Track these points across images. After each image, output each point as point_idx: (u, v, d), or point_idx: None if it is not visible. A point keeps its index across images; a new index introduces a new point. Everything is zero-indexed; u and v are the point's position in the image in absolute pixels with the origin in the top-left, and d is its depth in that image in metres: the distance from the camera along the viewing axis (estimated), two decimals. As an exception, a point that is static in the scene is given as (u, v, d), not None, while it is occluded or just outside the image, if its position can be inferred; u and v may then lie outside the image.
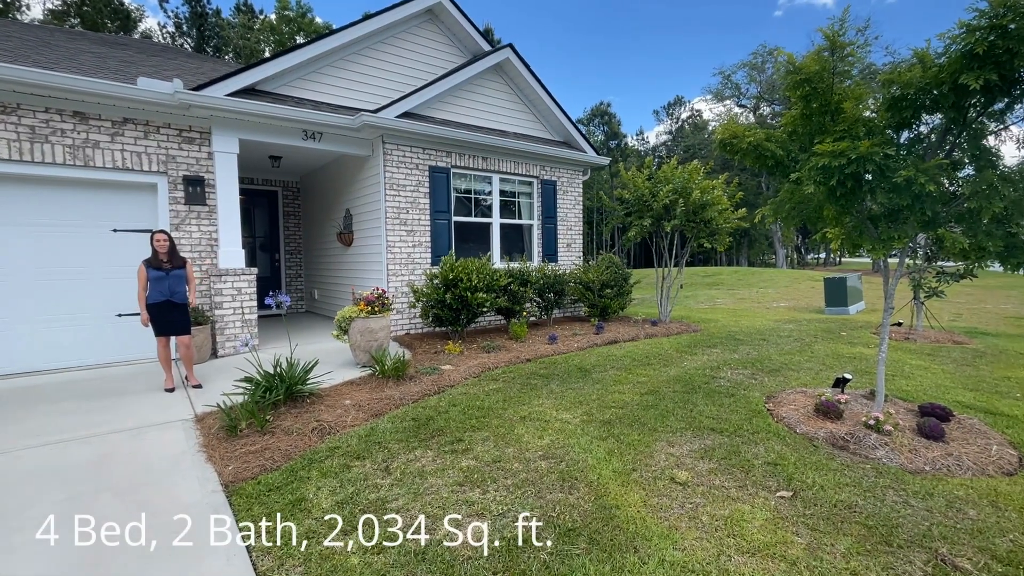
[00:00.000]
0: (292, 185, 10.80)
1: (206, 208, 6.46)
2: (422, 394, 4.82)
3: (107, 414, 4.28)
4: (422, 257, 7.76)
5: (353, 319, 5.60)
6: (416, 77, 8.09)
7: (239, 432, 3.81)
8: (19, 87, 5.26)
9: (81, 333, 5.88)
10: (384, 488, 3.07)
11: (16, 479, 3.14)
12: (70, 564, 2.34)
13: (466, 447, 3.65)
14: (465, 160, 8.20)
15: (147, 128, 6.08)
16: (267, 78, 6.73)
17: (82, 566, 2.33)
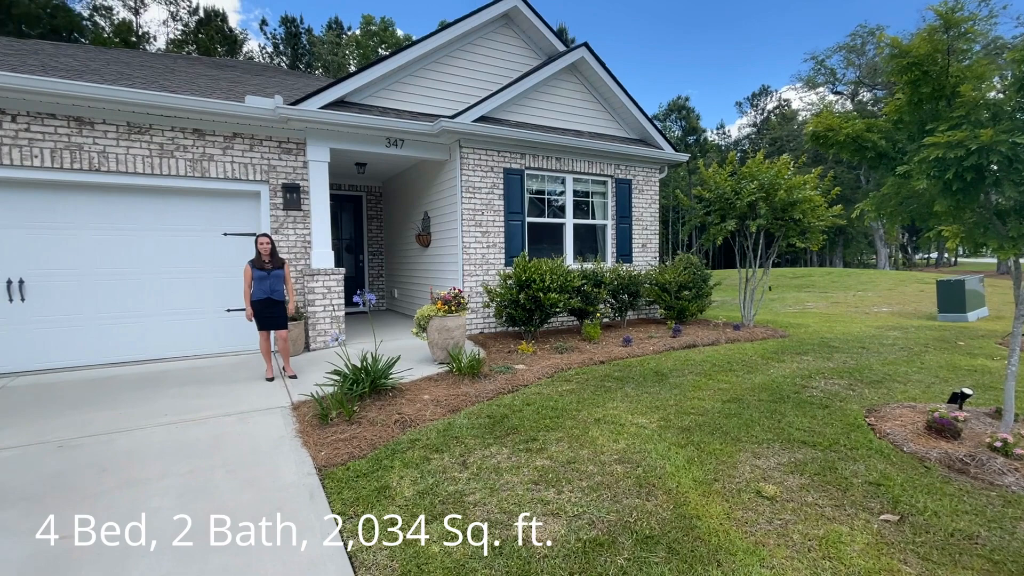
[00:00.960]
0: (375, 190, 11.43)
1: (301, 213, 7.02)
2: (496, 392, 4.92)
3: (220, 398, 4.78)
4: (496, 258, 7.91)
5: (431, 317, 5.83)
6: (491, 81, 8.26)
7: (330, 421, 4.10)
8: (151, 110, 6.02)
9: (197, 326, 6.62)
10: (462, 482, 3.17)
11: (150, 453, 3.59)
12: (191, 529, 2.65)
13: (540, 446, 3.68)
14: (539, 161, 8.26)
15: (252, 141, 6.71)
16: (354, 90, 7.18)
17: (204, 532, 2.63)
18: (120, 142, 5.98)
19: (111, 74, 7.00)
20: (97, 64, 7.76)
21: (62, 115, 5.70)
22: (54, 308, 5.89)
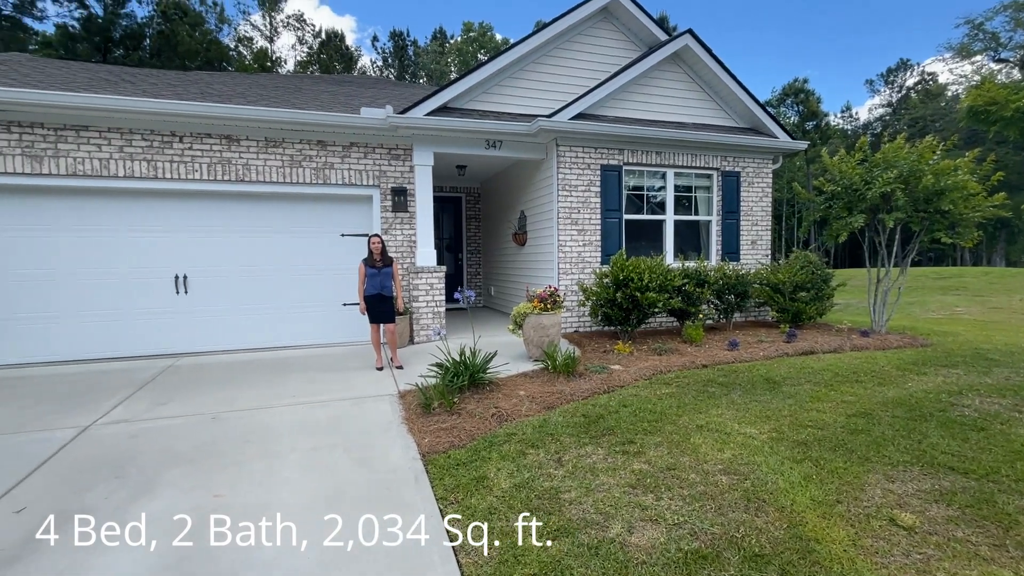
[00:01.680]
0: (474, 191, 11.84)
1: (408, 214, 7.49)
2: (591, 392, 4.87)
3: (336, 384, 5.27)
4: (592, 256, 7.81)
5: (527, 315, 5.91)
6: (589, 77, 8.16)
7: (432, 410, 4.34)
8: (284, 126, 6.78)
9: (317, 318, 7.34)
10: (557, 479, 3.19)
11: (281, 429, 4.06)
12: (315, 496, 2.96)
13: (638, 450, 3.58)
14: (638, 156, 8.01)
15: (366, 149, 7.29)
16: (455, 96, 7.49)
17: (323, 499, 2.92)
18: (259, 155, 6.82)
19: (253, 96, 8.00)
20: (242, 88, 8.90)
21: (216, 134, 6.63)
22: (207, 300, 6.88)
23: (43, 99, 5.75)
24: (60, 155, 6.06)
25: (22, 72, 7.21)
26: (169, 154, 6.45)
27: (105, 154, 6.22)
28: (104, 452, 3.64)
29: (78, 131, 6.12)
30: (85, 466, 3.41)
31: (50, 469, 3.38)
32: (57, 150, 6.05)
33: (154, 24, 34.77)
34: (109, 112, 6.05)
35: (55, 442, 3.79)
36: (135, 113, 6.13)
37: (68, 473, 3.31)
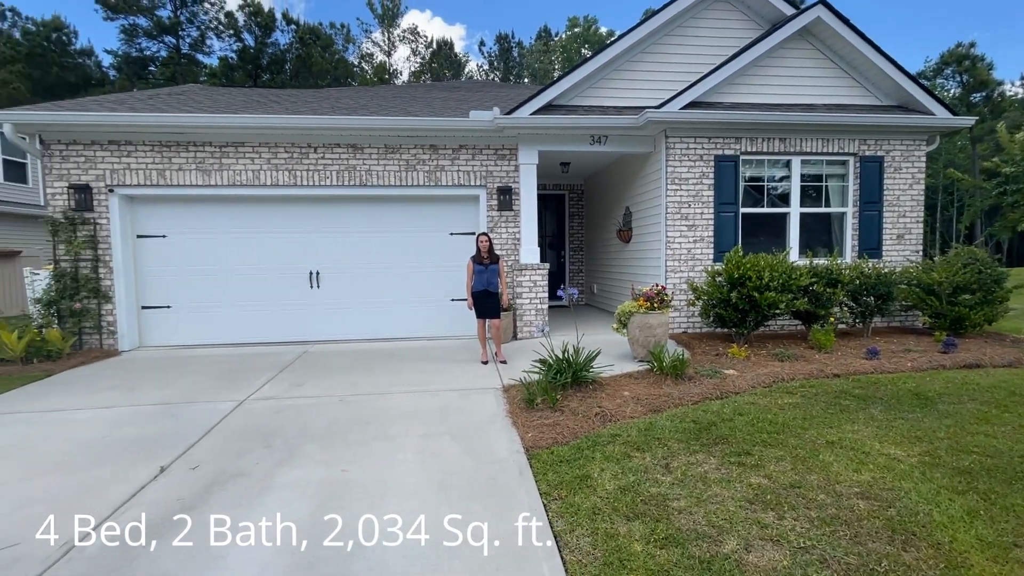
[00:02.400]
0: (577, 188, 11.76)
1: (512, 213, 7.65)
2: (702, 396, 4.59)
3: (445, 375, 5.56)
4: (703, 253, 7.36)
5: (632, 314, 5.74)
6: (702, 62, 7.66)
7: (535, 406, 4.39)
8: (401, 132, 7.29)
9: (427, 312, 7.80)
10: (664, 485, 3.06)
11: (396, 414, 4.38)
12: (427, 480, 3.14)
13: (756, 463, 3.30)
14: (757, 144, 7.37)
15: (474, 151, 7.57)
16: (560, 94, 7.48)
17: (435, 483, 3.09)
18: (379, 161, 7.40)
19: (374, 107, 8.70)
20: (364, 100, 9.72)
21: (344, 144, 7.33)
22: (335, 294, 7.64)
23: (211, 122, 6.78)
24: (223, 168, 7.11)
25: (195, 100, 8.56)
26: (306, 163, 7.26)
27: (256, 166, 7.17)
28: (255, 423, 4.20)
29: (236, 147, 7.13)
30: (241, 434, 3.97)
31: (216, 434, 3.98)
32: (221, 164, 7.11)
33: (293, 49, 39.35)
34: (260, 129, 6.96)
35: (218, 413, 4.46)
36: (279, 129, 6.99)
37: (228, 439, 3.88)
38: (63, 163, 6.92)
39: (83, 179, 6.92)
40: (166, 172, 7.03)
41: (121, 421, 4.31)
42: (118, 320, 7.03)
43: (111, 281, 7.00)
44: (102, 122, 6.69)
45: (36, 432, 4.09)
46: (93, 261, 6.94)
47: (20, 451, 3.72)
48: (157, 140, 7.01)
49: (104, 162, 6.96)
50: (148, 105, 7.51)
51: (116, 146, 6.97)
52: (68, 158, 6.92)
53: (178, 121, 6.75)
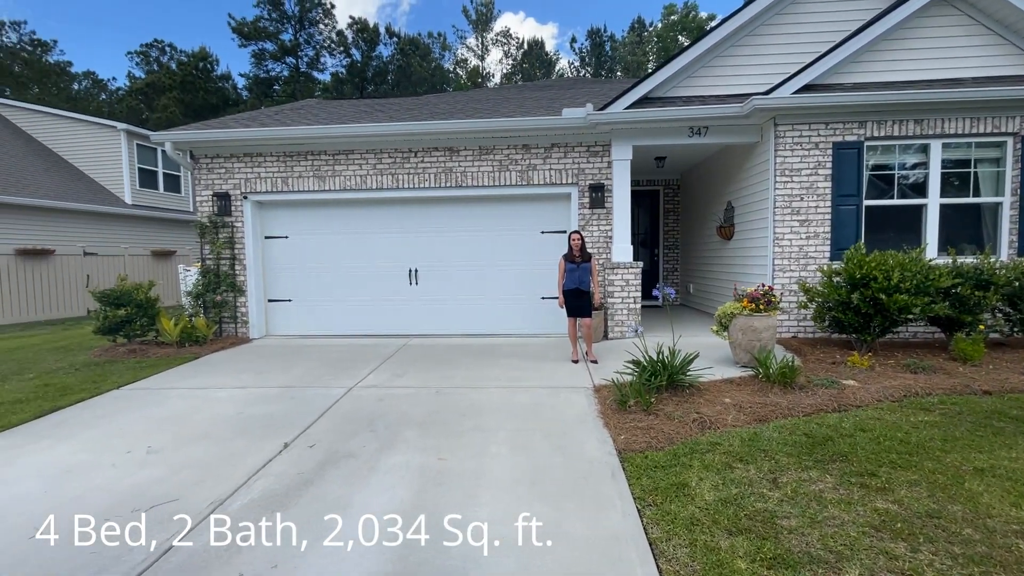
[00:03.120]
0: (672, 183, 11.26)
1: (604, 210, 7.52)
2: (816, 408, 4.19)
3: (535, 372, 5.61)
4: (817, 251, 6.69)
5: (734, 316, 5.38)
6: (819, 41, 6.95)
7: (627, 407, 4.28)
8: (494, 134, 7.47)
9: (517, 310, 7.92)
10: (772, 501, 2.83)
11: (490, 408, 4.50)
12: (519, 474, 3.20)
13: (882, 485, 2.95)
14: (886, 128, 6.54)
15: (566, 149, 7.55)
16: (656, 86, 7.20)
17: (527, 478, 3.13)
18: (474, 162, 7.65)
19: (468, 111, 9.00)
20: (460, 105, 10.09)
21: (441, 147, 7.67)
22: (431, 291, 8.03)
23: (325, 132, 7.45)
24: (336, 174, 7.77)
25: (312, 113, 9.44)
26: (407, 167, 7.71)
27: (364, 171, 7.75)
28: (362, 409, 4.55)
29: (347, 154, 7.76)
30: (350, 418, 4.32)
31: (329, 417, 4.37)
32: (334, 171, 7.78)
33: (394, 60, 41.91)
34: (366, 137, 7.51)
35: (330, 398, 4.89)
36: (383, 136, 7.49)
37: (339, 422, 4.24)
38: (208, 174, 7.99)
39: (224, 188, 7.95)
40: (288, 179, 7.84)
41: (252, 400, 4.89)
42: (249, 311, 7.99)
43: (244, 277, 7.97)
44: (239, 137, 7.64)
45: (188, 406, 4.77)
46: (231, 259, 7.94)
47: (176, 422, 4.36)
48: (282, 151, 7.84)
49: (240, 172, 7.93)
50: (275, 120, 8.42)
51: (249, 158, 7.91)
52: (212, 170, 7.99)
53: (298, 133, 7.49)
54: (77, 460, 3.59)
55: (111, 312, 7.03)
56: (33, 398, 5.06)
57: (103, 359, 6.71)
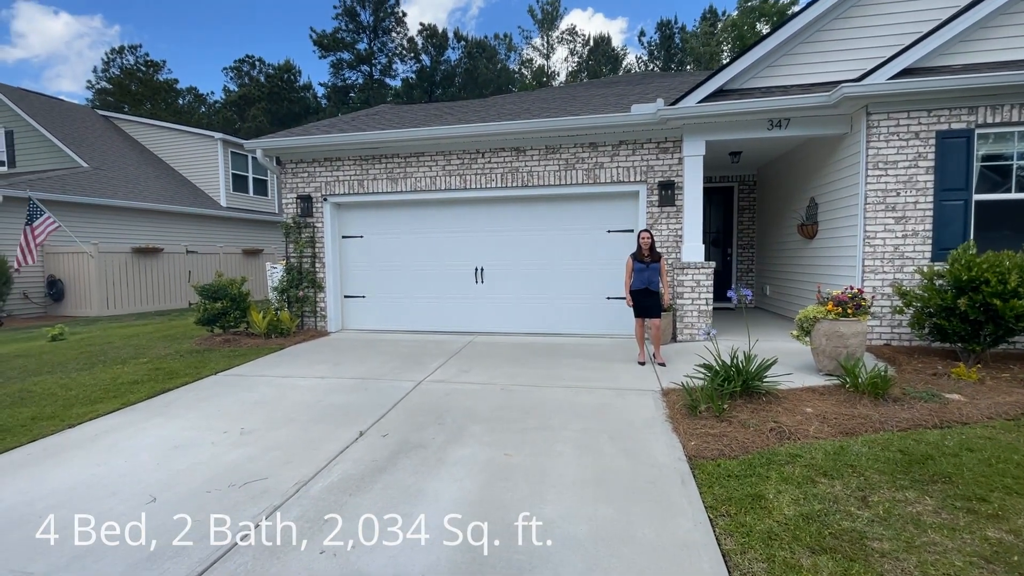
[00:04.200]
0: (748, 179, 10.68)
1: (674, 208, 7.28)
2: (913, 423, 3.82)
3: (601, 373, 5.54)
4: (916, 251, 6.10)
5: (818, 320, 5.03)
6: (918, 20, 6.31)
7: (698, 413, 4.13)
8: (561, 133, 7.45)
9: (583, 309, 7.85)
10: (861, 520, 2.63)
11: (554, 407, 4.51)
12: (584, 475, 3.18)
13: (994, 512, 2.65)
14: (1001, 114, 5.84)
15: (634, 146, 7.39)
16: (732, 78, 6.86)
17: (592, 479, 3.11)
18: (540, 162, 7.67)
19: (535, 110, 9.03)
20: (526, 105, 10.15)
21: (508, 147, 7.77)
22: (497, 289, 8.14)
23: (397, 136, 7.78)
24: (407, 176, 8.09)
25: (386, 118, 9.87)
26: (475, 168, 7.87)
27: (433, 172, 8.01)
28: (430, 402, 4.72)
29: (417, 157, 8.06)
30: (419, 410, 4.49)
31: (400, 408, 4.56)
32: (406, 173, 8.10)
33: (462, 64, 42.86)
34: (436, 139, 7.75)
35: (401, 390, 5.10)
36: (452, 138, 7.69)
37: (409, 414, 4.42)
38: (293, 178, 8.59)
39: (306, 190, 8.51)
40: (364, 182, 8.26)
41: (330, 389, 5.20)
42: (328, 306, 8.50)
43: (324, 274, 8.49)
44: (319, 143, 8.15)
45: (274, 393, 5.16)
46: (312, 257, 8.49)
47: (265, 407, 4.73)
48: (358, 155, 8.27)
49: (320, 176, 8.46)
50: (351, 126, 8.91)
51: (329, 162, 8.41)
52: (296, 174, 8.58)
53: (372, 138, 7.88)
54: (184, 438, 4.00)
55: (209, 305, 7.75)
56: (147, 380, 5.69)
57: (202, 347, 7.41)
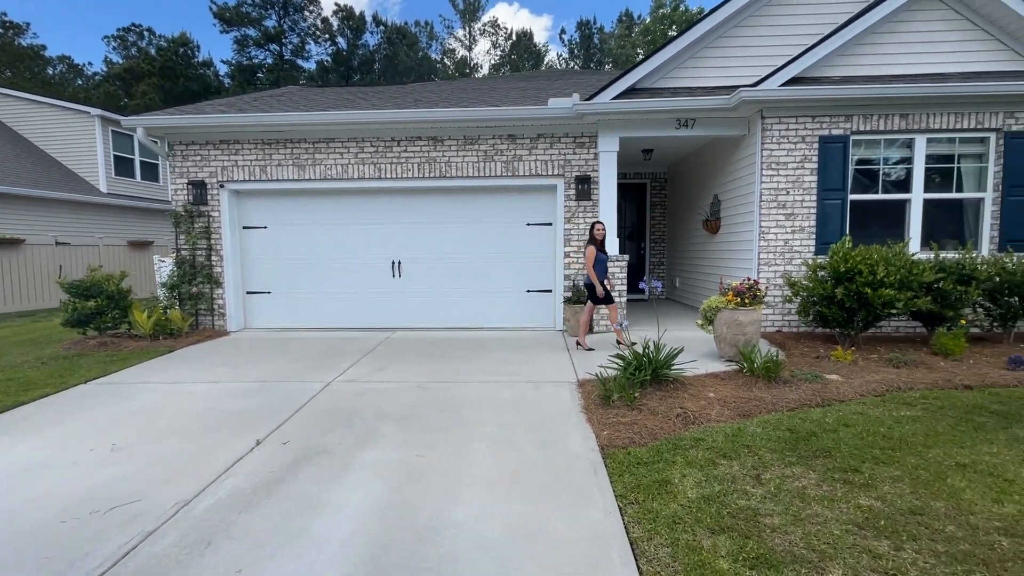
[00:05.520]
0: (659, 176, 11.21)
1: (590, 203, 7.43)
2: (799, 403, 4.16)
3: (520, 366, 5.53)
4: (802, 245, 6.69)
5: (719, 310, 5.34)
6: (807, 33, 6.90)
7: (611, 403, 4.22)
8: (479, 123, 7.32)
9: (503, 303, 7.82)
10: (755, 498, 2.79)
11: (472, 403, 4.41)
12: (500, 471, 3.11)
13: (865, 481, 2.92)
14: (871, 123, 6.54)
15: (552, 139, 7.43)
16: (643, 77, 7.11)
17: (508, 475, 3.05)
18: (458, 152, 7.50)
19: (454, 99, 8.82)
20: (445, 94, 9.90)
21: (425, 136, 7.51)
22: (415, 283, 7.88)
23: (305, 119, 7.24)
24: (316, 163, 7.57)
25: (293, 100, 9.18)
26: (390, 157, 7.53)
27: (345, 160, 7.56)
28: (339, 404, 4.43)
29: (328, 143, 7.56)
30: (327, 413, 4.20)
31: (306, 412, 4.24)
32: (314, 159, 7.57)
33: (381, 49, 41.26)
34: (348, 124, 7.31)
35: (308, 392, 4.75)
36: (365, 124, 7.30)
37: (316, 418, 4.11)
38: (184, 162, 7.73)
39: (199, 176, 7.70)
40: (267, 168, 7.62)
41: (226, 395, 4.73)
42: (227, 303, 7.77)
43: (221, 268, 7.74)
44: (214, 123, 7.39)
45: (159, 401, 4.60)
46: (207, 250, 7.71)
47: (145, 418, 4.19)
48: (260, 138, 7.61)
49: (216, 160, 7.68)
50: (253, 106, 8.17)
51: (226, 145, 7.66)
52: (188, 157, 7.72)
53: (276, 120, 7.27)
54: (36, 459, 3.42)
55: (80, 304, 6.78)
56: (-6, 393, 4.84)
57: (72, 352, 6.47)
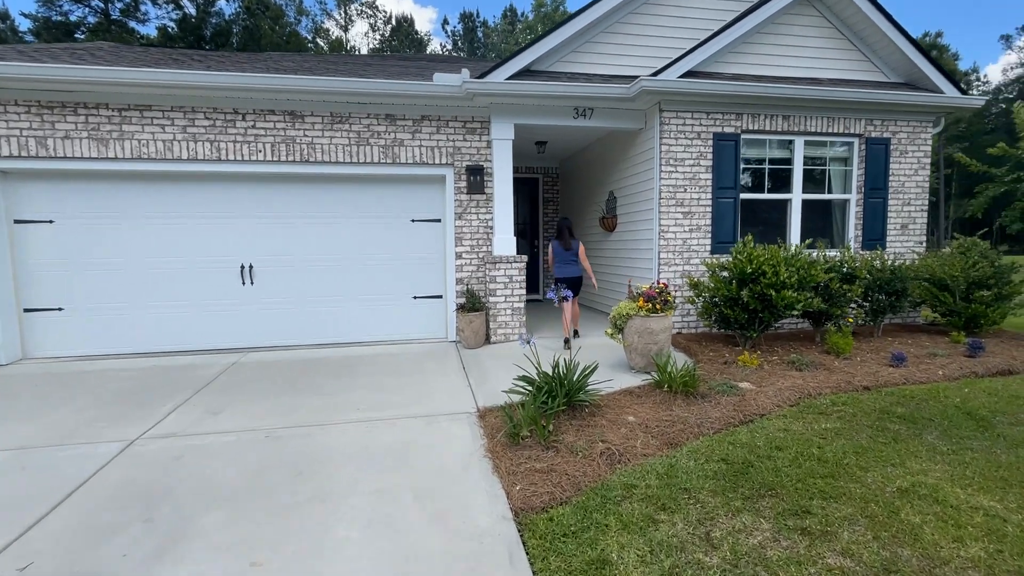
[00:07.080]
0: (552, 171, 10.79)
1: (484, 196, 6.60)
2: (723, 422, 3.75)
3: (407, 392, 4.52)
4: (700, 244, 6.55)
5: (630, 317, 4.85)
6: (703, 28, 6.76)
7: (520, 440, 3.44)
8: (351, 98, 6.09)
9: (387, 311, 6.68)
10: (713, 571, 2.17)
11: (341, 457, 3.32)
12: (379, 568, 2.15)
13: (822, 528, 2.47)
14: (759, 122, 6.58)
15: (439, 123, 6.46)
16: (539, 58, 6.45)
17: None
18: (325, 132, 6.19)
19: (320, 71, 7.41)
20: (309, 65, 8.37)
21: (280, 110, 6.07)
22: (273, 291, 6.40)
23: (103, 76, 5.40)
24: (125, 137, 5.73)
25: (99, 56, 7.04)
26: (232, 133, 5.96)
27: (168, 135, 5.82)
28: (141, 478, 3.07)
29: (142, 111, 5.76)
30: (115, 499, 2.84)
31: (78, 500, 2.83)
32: (122, 132, 5.73)
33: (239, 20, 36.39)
34: (170, 88, 5.62)
35: (94, 461, 3.29)
36: (196, 88, 5.66)
37: (94, 509, 2.74)
38: (-92, 126, 5.38)
39: (-63, 148, 5.42)
40: (48, 141, 5.59)
41: (-55, 480, 3.08)
42: (-9, 326, 5.60)
43: (-20, 277, 5.56)
44: (-43, 74, 5.20)
45: None
46: (-46, 252, 5.47)
47: None
48: (35, 99, 5.55)
49: (-35, 126, 5.46)
50: (29, 57, 6.00)
51: (-18, 106, 5.48)
52: (-85, 120, 5.39)
53: (60, 74, 5.31)
54: None
55: None
56: None
57: None
